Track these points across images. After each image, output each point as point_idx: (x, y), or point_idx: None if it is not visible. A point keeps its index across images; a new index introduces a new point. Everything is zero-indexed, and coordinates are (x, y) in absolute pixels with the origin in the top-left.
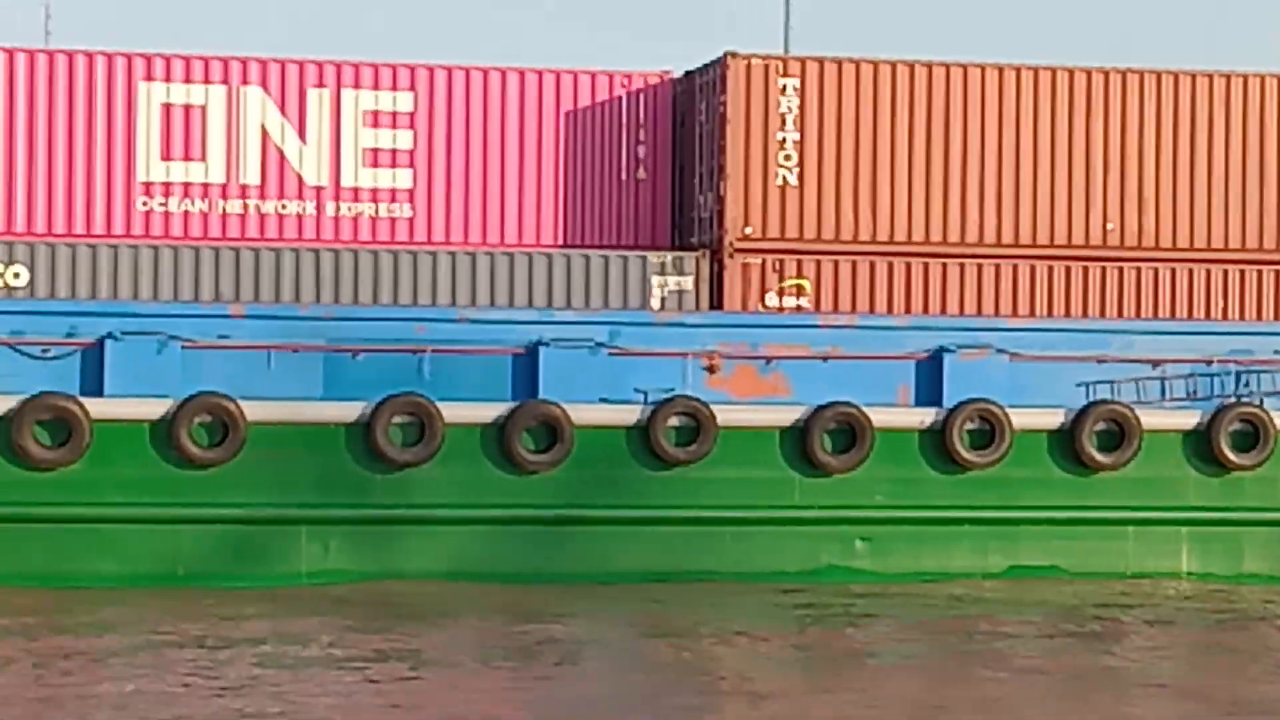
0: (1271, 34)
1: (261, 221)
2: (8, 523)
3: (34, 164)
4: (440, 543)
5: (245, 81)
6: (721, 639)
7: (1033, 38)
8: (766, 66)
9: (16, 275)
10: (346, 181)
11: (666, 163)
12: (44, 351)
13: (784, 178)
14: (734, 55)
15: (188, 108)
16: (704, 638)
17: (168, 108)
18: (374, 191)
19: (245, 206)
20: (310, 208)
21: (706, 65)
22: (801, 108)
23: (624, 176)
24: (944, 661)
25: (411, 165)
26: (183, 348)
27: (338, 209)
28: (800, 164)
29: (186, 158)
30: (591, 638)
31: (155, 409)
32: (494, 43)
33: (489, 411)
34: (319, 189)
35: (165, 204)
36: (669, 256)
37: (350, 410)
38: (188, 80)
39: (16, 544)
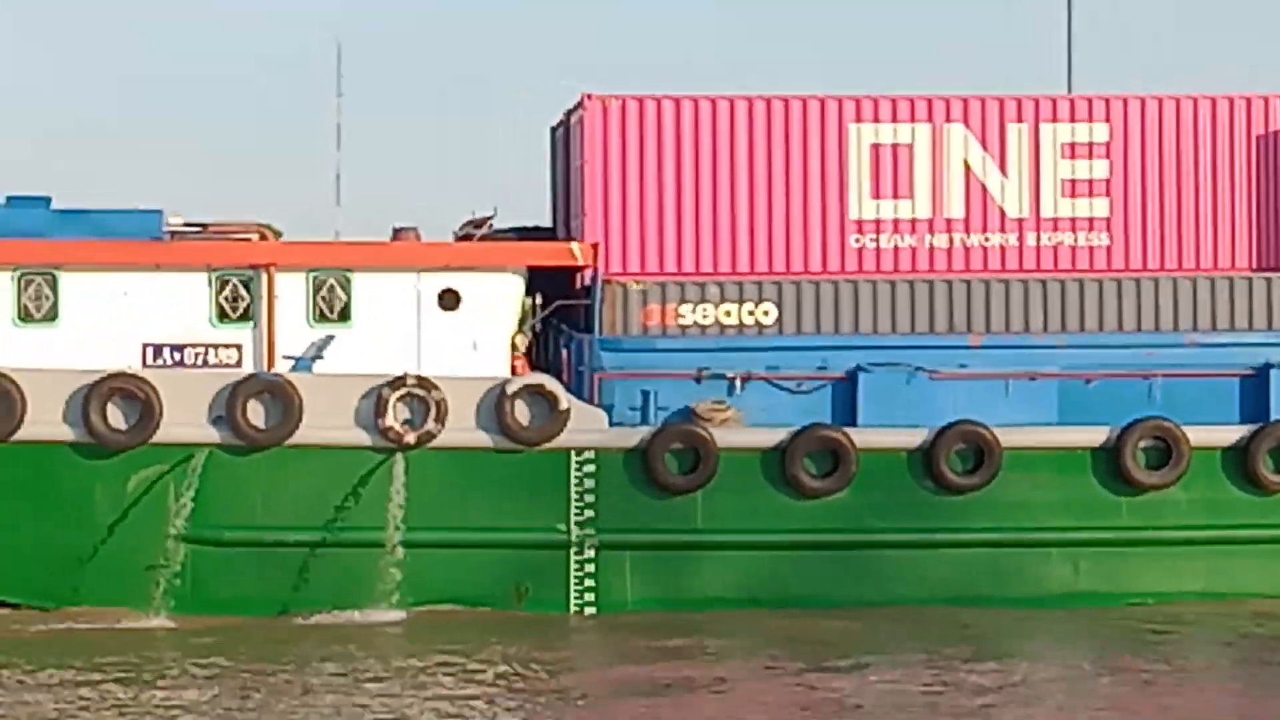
0: None
1: (966, 254)
2: (781, 549)
3: (754, 205)
4: (1181, 563)
5: (949, 119)
6: None
7: None
8: None
9: (766, 313)
10: (1046, 212)
11: None
12: (798, 385)
13: None
14: None
15: (895, 147)
16: None
17: (876, 148)
18: (1072, 221)
19: (950, 240)
20: (1012, 239)
21: None
22: None
23: None
24: None
25: (1108, 194)
26: (929, 378)
27: (1038, 239)
28: None
29: (895, 195)
30: None
31: (914, 438)
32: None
33: (1231, 434)
34: (1020, 221)
35: (876, 240)
36: None
37: (1096, 435)
38: (894, 120)
39: (785, 568)
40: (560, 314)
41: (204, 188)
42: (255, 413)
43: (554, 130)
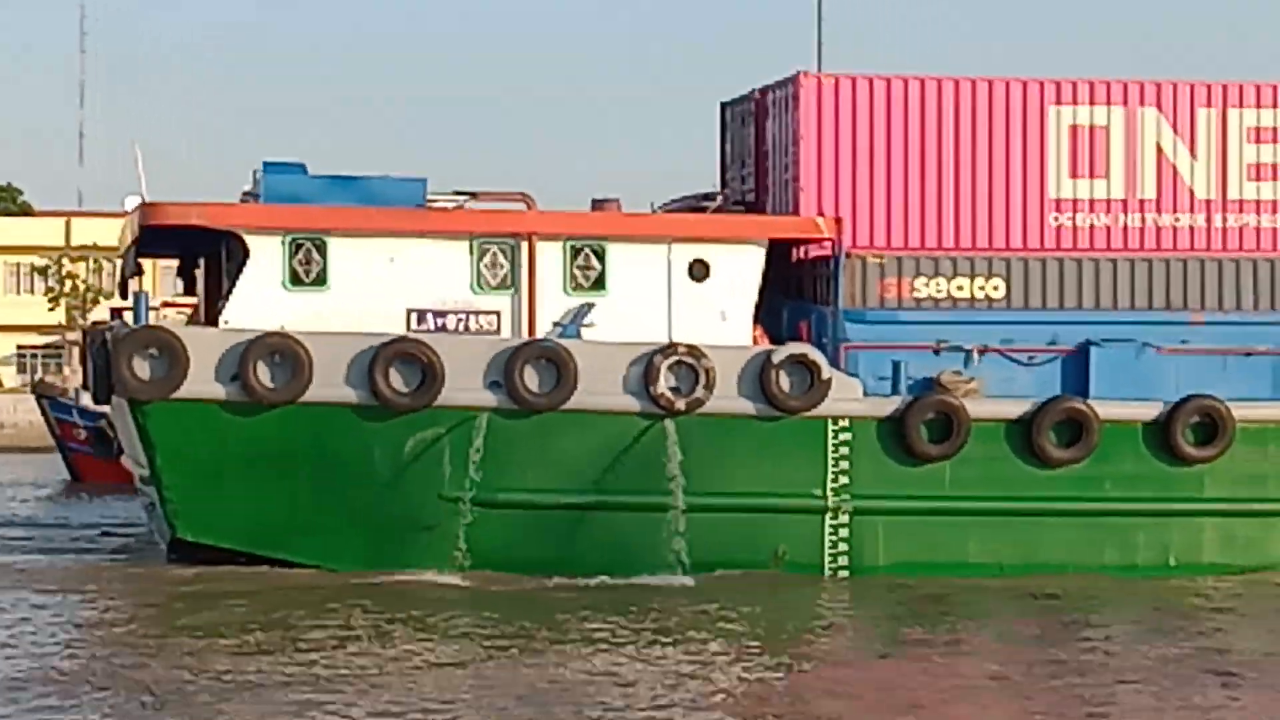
0: None
1: (1157, 234)
2: (1026, 516)
3: (959, 182)
4: None
5: (1142, 103)
6: None
7: None
8: None
9: (995, 288)
10: (1233, 194)
11: None
12: (1030, 358)
13: None
14: None
15: (1092, 128)
16: None
17: (1074, 129)
18: (1257, 204)
19: (1143, 220)
20: (1200, 220)
21: None
22: None
23: None
24: None
25: None
26: (1156, 353)
27: (1224, 220)
28: None
29: (1091, 175)
30: None
31: (1150, 411)
32: None
33: None
34: (1208, 202)
35: (1073, 219)
36: None
37: None
38: (1091, 103)
39: (1028, 535)
40: (774, 285)
41: None
42: (531, 378)
43: (728, 106)
